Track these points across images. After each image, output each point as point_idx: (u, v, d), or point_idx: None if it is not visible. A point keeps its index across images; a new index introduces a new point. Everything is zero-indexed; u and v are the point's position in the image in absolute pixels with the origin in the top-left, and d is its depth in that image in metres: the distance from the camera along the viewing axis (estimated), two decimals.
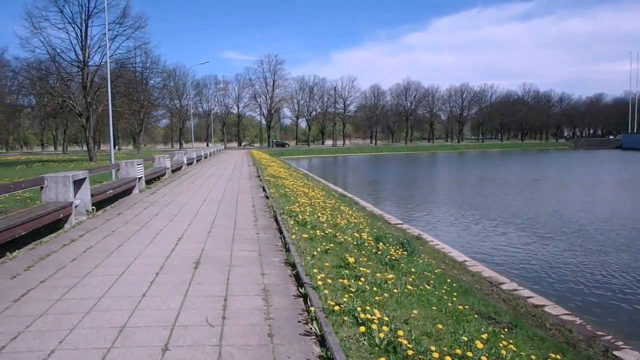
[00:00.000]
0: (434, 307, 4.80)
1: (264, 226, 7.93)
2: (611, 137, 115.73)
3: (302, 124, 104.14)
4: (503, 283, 8.18)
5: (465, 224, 15.17)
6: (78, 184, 8.12)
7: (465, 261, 9.52)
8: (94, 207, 8.63)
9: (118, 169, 12.36)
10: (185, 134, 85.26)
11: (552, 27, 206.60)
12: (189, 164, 25.44)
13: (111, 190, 9.84)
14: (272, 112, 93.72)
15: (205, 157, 35.00)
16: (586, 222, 15.08)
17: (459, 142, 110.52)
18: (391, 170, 43.85)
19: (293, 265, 5.40)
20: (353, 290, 4.67)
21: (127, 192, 11.70)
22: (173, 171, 19.74)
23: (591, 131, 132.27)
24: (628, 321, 7.28)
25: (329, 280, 4.77)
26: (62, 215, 7.11)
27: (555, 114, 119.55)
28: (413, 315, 4.24)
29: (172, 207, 9.99)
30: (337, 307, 4.03)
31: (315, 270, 4.98)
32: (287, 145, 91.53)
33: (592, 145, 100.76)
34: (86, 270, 5.19)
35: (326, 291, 4.42)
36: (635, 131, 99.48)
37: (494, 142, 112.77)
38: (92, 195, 8.67)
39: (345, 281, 4.88)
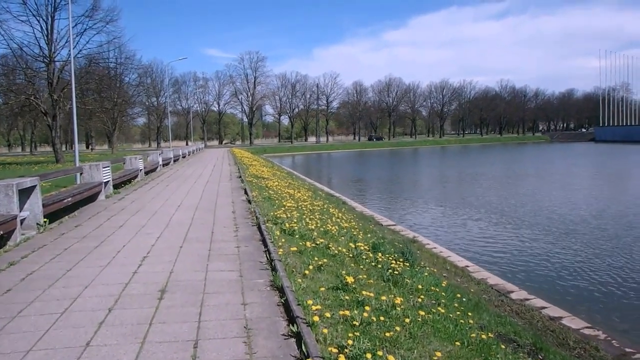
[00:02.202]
0: (456, 342, 3.91)
1: (246, 237, 6.92)
2: (583, 130, 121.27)
3: (285, 121, 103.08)
4: (512, 291, 7.54)
5: (458, 221, 14.59)
6: (26, 192, 6.96)
7: (467, 266, 8.79)
8: (46, 220, 7.44)
9: (81, 173, 11.15)
10: (163, 132, 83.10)
11: (526, 25, 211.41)
12: (165, 164, 24.13)
13: (70, 198, 8.67)
14: (254, 109, 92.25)
15: (184, 157, 33.63)
16: (586, 218, 14.58)
17: (440, 137, 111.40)
18: (377, 167, 43.11)
19: (281, 290, 4.43)
20: (357, 323, 3.79)
21: (92, 198, 10.53)
22: (147, 173, 18.49)
23: (565, 125, 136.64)
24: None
25: (327, 314, 3.84)
26: (1, 232, 5.96)
27: (531, 109, 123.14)
28: (435, 359, 3.33)
29: (141, 216, 8.87)
30: (341, 358, 3.07)
31: (309, 301, 4.01)
32: (382, 139, 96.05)
33: (567, 139, 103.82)
34: (18, 308, 4.10)
35: (325, 330, 3.50)
36: (606, 124, 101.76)
37: (475, 136, 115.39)
38: (45, 205, 7.52)
39: (347, 312, 3.95)
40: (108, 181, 11.90)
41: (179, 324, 3.74)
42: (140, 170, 16.98)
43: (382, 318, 3.94)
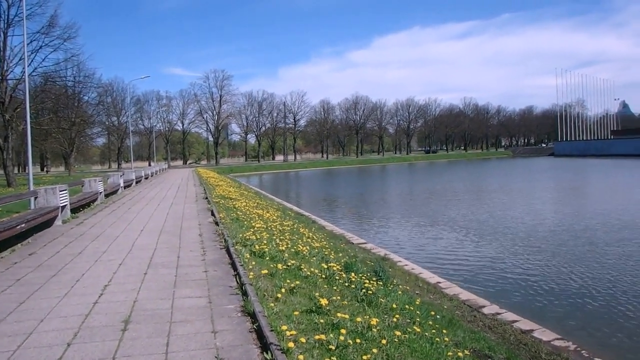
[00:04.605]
0: None
1: (214, 261, 6.68)
2: (543, 145, 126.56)
3: (252, 139, 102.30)
4: (483, 306, 7.60)
5: (428, 238, 14.67)
6: None
7: (439, 283, 8.82)
8: None
9: (36, 197, 10.58)
10: (124, 153, 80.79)
11: (487, 45, 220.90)
12: (127, 186, 23.36)
13: (23, 224, 8.15)
14: (220, 128, 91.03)
15: (146, 178, 32.70)
16: (551, 232, 14.96)
17: (407, 153, 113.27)
18: (345, 184, 43.28)
19: (253, 316, 4.25)
20: (333, 347, 3.68)
21: (48, 224, 9.97)
22: (107, 195, 17.79)
23: (526, 140, 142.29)
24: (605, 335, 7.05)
25: (302, 339, 3.70)
26: None
27: (494, 125, 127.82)
28: None
29: (101, 242, 8.44)
30: None
31: (283, 326, 3.84)
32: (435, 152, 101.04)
33: (528, 153, 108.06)
34: None
35: (300, 356, 3.38)
36: (564, 139, 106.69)
37: (441, 152, 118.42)
38: None
39: (322, 336, 3.82)
40: (65, 205, 11.33)
41: (145, 356, 3.51)
42: (100, 192, 16.33)
43: (358, 340, 3.85)
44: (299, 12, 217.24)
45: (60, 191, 10.94)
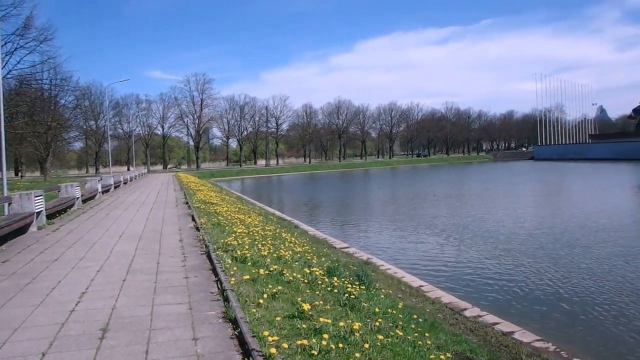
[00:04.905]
0: None
1: (195, 267, 6.58)
2: (524, 149, 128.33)
3: (233, 144, 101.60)
4: (465, 309, 7.65)
5: (410, 241, 14.77)
6: None
7: (421, 286, 8.86)
8: None
9: (10, 203, 10.28)
10: (102, 157, 79.30)
11: (467, 50, 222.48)
12: (105, 191, 22.94)
13: None
14: (201, 132, 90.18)
15: (125, 183, 32.13)
16: (531, 235, 15.18)
17: (390, 158, 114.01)
18: (328, 189, 43.31)
19: (235, 322, 4.20)
20: (316, 352, 3.66)
21: (22, 230, 9.70)
22: (84, 201, 17.42)
23: (506, 144, 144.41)
24: (581, 335, 7.22)
25: (284, 344, 3.67)
26: None
27: (475, 129, 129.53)
28: None
29: (78, 248, 8.24)
30: None
31: (265, 332, 3.81)
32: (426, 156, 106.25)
33: (509, 157, 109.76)
34: None
35: None
36: (543, 143, 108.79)
37: (433, 156, 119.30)
38: None
39: (305, 341, 3.80)
40: (41, 211, 11.05)
41: None
42: (77, 198, 15.97)
43: (340, 345, 3.84)
44: (281, 16, 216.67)
45: (36, 197, 10.66)
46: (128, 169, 66.46)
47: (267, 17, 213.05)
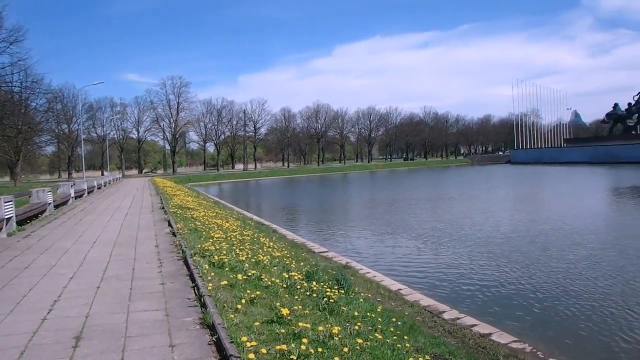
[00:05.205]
0: None
1: (172, 273, 6.48)
2: (500, 153, 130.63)
3: (210, 148, 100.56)
4: (444, 312, 7.76)
5: (389, 245, 14.84)
6: None
7: (400, 289, 8.94)
8: None
9: None
10: (75, 162, 77.44)
11: (446, 55, 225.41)
12: (79, 196, 22.39)
13: None
14: (177, 136, 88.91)
15: (99, 188, 31.47)
16: (507, 237, 15.39)
17: (369, 162, 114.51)
18: (306, 193, 43.26)
19: (212, 328, 4.15)
20: (295, 357, 3.64)
21: None
22: (57, 206, 16.97)
23: (483, 148, 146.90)
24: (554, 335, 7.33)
25: (263, 350, 3.66)
26: None
27: (453, 134, 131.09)
28: None
29: (50, 255, 8.01)
30: None
31: (243, 337, 3.77)
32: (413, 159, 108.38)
33: (486, 161, 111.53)
34: None
35: None
36: (520, 147, 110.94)
37: (402, 160, 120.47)
38: None
39: (284, 346, 3.77)
40: (11, 217, 10.71)
41: None
42: (49, 203, 15.55)
43: (320, 349, 3.82)
44: (260, 20, 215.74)
45: (5, 202, 10.33)
46: (102, 174, 65.03)
47: (246, 20, 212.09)
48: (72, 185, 20.97)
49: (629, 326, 7.42)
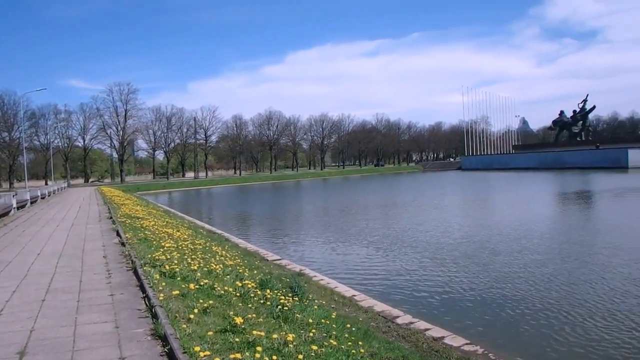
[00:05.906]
0: None
1: (121, 283, 6.30)
2: (452, 159, 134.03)
3: (160, 156, 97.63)
4: (397, 317, 7.91)
5: (342, 252, 14.96)
6: None
7: (354, 296, 9.06)
8: None
9: None
10: (17, 171, 73.03)
11: (397, 63, 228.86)
12: (21, 207, 21.20)
13: None
14: (125, 144, 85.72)
15: (43, 198, 29.93)
16: (458, 243, 15.79)
17: (322, 169, 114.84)
18: (259, 201, 42.88)
19: (164, 339, 4.09)
20: None
21: None
22: None
23: (435, 154, 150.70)
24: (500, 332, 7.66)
25: (217, 359, 3.62)
26: None
27: (405, 141, 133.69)
28: None
29: None
30: None
31: (196, 347, 3.75)
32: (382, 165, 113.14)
33: (438, 168, 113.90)
34: None
35: None
36: (470, 154, 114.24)
37: (354, 167, 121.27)
38: None
39: (238, 355, 3.80)
40: None
41: None
42: None
43: (274, 357, 3.87)
44: (210, 25, 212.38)
45: None
46: (46, 183, 61.69)
47: (196, 26, 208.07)
48: (13, 195, 19.85)
49: (571, 325, 7.76)
